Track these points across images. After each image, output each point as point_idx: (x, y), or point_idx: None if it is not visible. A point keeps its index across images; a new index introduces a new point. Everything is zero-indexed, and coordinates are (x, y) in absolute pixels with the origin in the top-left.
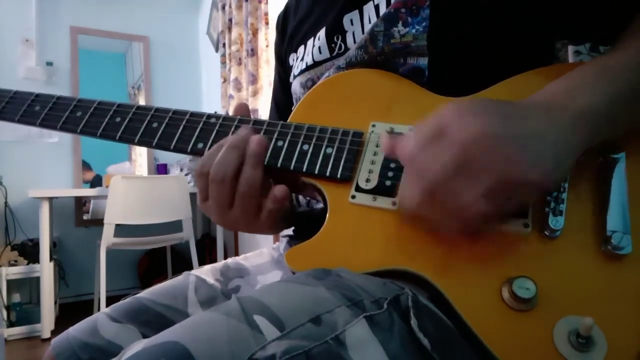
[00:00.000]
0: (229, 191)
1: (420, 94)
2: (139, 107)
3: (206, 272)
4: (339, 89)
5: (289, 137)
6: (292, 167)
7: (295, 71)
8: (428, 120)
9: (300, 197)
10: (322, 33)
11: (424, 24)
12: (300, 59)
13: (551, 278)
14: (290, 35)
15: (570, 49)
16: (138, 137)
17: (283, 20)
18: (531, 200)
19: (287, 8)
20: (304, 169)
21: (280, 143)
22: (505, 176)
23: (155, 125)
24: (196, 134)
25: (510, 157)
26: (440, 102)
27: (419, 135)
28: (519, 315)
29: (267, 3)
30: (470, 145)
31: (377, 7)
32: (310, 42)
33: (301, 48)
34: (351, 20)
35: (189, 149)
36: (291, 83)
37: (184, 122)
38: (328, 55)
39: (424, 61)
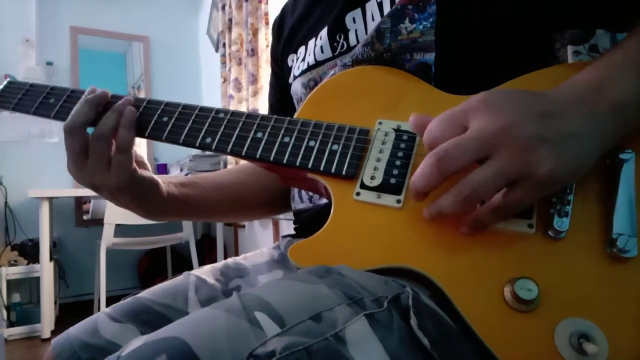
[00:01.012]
0: (100, 146)
1: (427, 91)
2: (150, 102)
3: (206, 272)
4: (345, 86)
5: (295, 134)
6: (297, 164)
7: (295, 72)
8: (456, 106)
9: (303, 193)
10: (324, 32)
11: (430, 19)
12: (301, 60)
13: (554, 279)
14: (288, 37)
15: (570, 49)
16: (148, 130)
17: (279, 23)
18: (538, 198)
19: (283, 11)
20: (310, 165)
21: (286, 139)
22: (529, 173)
23: (165, 119)
24: (205, 128)
25: (539, 155)
26: (447, 99)
27: (443, 114)
28: (521, 316)
29: (267, 3)
30: (492, 136)
31: (380, 5)
32: (311, 42)
33: (301, 48)
34: (354, 19)
35: (197, 144)
36: (291, 84)
37: (193, 117)
38: (330, 55)
39: (430, 57)
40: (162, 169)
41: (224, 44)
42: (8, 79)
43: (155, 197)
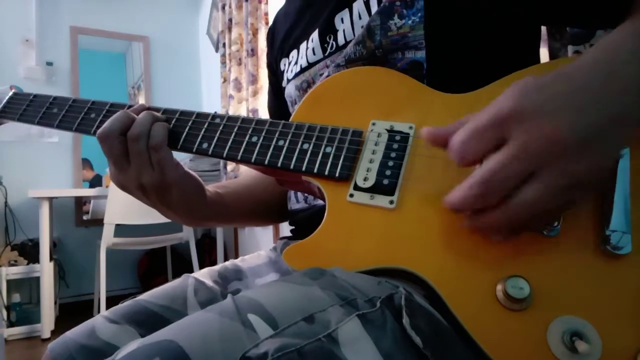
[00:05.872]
0: (141, 148)
1: (421, 92)
2: (149, 109)
3: (205, 275)
4: (340, 88)
5: (289, 137)
6: (292, 167)
7: (289, 75)
8: (484, 111)
9: (299, 194)
10: (315, 35)
11: (419, 14)
12: (293, 63)
13: (547, 278)
14: (281, 42)
15: (570, 49)
16: None
17: (272, 31)
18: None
19: (275, 19)
20: (304, 168)
21: (281, 142)
22: (579, 182)
23: None
24: (201, 134)
25: (589, 163)
26: (441, 99)
27: (472, 126)
28: (513, 314)
29: (267, 3)
30: (538, 151)
31: (367, 4)
32: (303, 45)
33: (294, 52)
34: (342, 19)
35: (194, 149)
36: (284, 88)
37: (190, 123)
38: (322, 56)
39: (421, 54)
40: None
41: (224, 44)
42: (13, 90)
43: (200, 197)
